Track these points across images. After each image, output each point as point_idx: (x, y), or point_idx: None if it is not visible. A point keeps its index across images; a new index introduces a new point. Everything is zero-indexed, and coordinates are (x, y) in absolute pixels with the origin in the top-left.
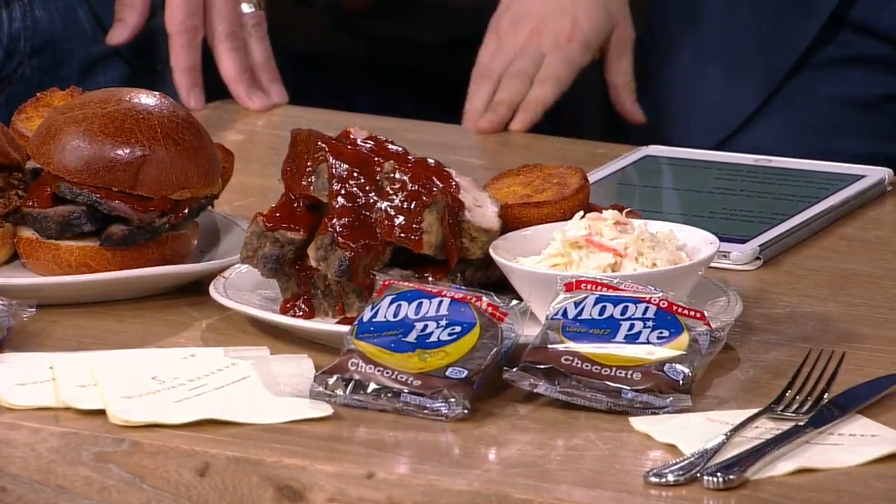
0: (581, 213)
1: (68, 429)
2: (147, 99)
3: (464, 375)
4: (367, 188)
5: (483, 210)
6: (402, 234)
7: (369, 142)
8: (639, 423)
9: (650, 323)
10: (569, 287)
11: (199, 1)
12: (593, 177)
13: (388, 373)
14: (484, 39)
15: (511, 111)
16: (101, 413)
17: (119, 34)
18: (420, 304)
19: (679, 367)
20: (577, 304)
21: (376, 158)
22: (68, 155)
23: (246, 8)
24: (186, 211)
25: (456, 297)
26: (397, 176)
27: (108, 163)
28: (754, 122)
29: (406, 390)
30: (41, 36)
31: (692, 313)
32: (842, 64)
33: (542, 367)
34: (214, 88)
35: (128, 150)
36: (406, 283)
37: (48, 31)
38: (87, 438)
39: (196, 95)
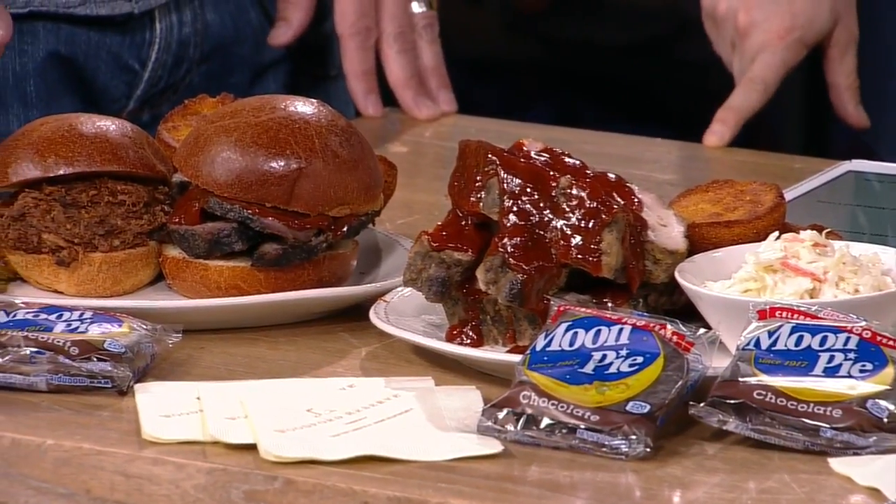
0: (776, 233)
1: (216, 465)
2: (304, 107)
3: (646, 410)
4: (542, 205)
5: (668, 230)
6: (580, 256)
7: (544, 154)
8: (839, 464)
9: (852, 355)
10: (762, 315)
11: (371, 0)
12: (790, 194)
13: (563, 407)
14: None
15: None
16: (251, 448)
17: (282, 34)
18: (598, 332)
19: (884, 403)
20: (771, 334)
21: (552, 173)
22: (218, 167)
23: (417, 7)
24: (345, 229)
25: (638, 324)
26: (574, 192)
27: (261, 176)
28: None
29: (582, 426)
30: (211, 41)
31: None
32: None
33: (732, 402)
34: (391, 98)
35: (282, 163)
36: (583, 310)
37: (219, 35)
38: (236, 475)
39: (373, 101)
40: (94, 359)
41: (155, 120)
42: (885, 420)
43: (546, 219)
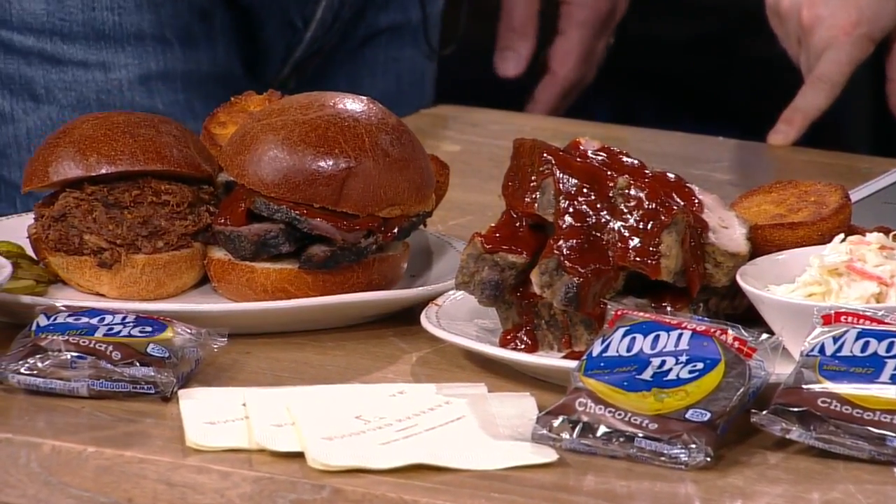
0: (841, 235)
1: (262, 473)
2: (353, 104)
3: (706, 418)
4: (598, 206)
5: (729, 231)
6: (638, 258)
7: (601, 153)
8: None
9: None
10: (827, 319)
11: (592, 52)
12: (856, 195)
13: (620, 414)
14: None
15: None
16: (298, 456)
17: (513, 66)
18: (657, 338)
19: None
20: (836, 339)
21: (609, 172)
22: (265, 167)
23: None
24: (396, 230)
25: (698, 329)
26: (632, 192)
27: (309, 176)
28: None
29: (640, 434)
30: (360, 2)
31: None
32: None
33: (795, 409)
34: (444, 94)
35: (331, 162)
36: (641, 314)
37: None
38: (283, 484)
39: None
40: (137, 363)
41: (299, 87)
42: None
43: (603, 220)
